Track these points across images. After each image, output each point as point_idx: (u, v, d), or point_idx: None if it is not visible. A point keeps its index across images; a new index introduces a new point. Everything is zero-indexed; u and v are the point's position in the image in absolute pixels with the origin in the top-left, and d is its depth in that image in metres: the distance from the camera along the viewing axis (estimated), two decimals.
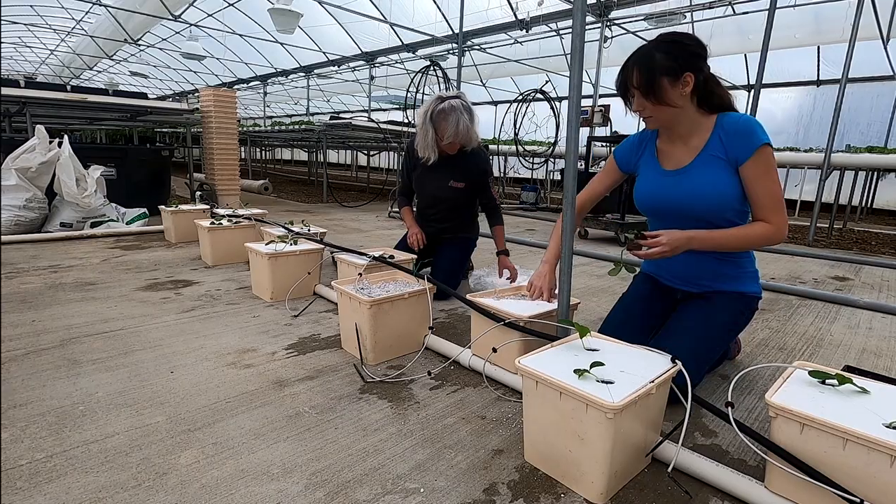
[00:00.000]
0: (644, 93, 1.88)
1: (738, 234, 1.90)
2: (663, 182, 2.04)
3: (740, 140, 1.85)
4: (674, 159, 2.04)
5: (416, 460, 1.53)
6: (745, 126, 1.86)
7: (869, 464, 1.17)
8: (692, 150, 1.98)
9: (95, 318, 2.62)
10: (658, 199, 2.06)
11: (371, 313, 2.16)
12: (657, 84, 1.85)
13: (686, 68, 1.84)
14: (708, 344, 1.95)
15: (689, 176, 1.96)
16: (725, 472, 1.43)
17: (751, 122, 1.86)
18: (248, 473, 1.42)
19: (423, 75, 8.54)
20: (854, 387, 1.39)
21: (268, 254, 2.98)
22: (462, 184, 3.30)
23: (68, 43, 17.32)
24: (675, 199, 1.99)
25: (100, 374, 2.00)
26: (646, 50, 1.88)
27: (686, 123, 1.96)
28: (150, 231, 5.13)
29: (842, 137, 10.24)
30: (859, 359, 2.51)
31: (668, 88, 1.85)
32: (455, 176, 3.30)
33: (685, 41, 1.87)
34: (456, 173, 3.29)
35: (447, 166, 3.29)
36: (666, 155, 2.08)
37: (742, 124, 1.87)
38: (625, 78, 1.93)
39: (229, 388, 1.94)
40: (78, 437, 1.57)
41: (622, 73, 1.94)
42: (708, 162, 1.92)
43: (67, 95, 5.70)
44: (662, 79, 1.84)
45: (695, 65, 1.85)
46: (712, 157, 1.92)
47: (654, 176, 2.09)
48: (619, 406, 1.25)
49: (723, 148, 1.89)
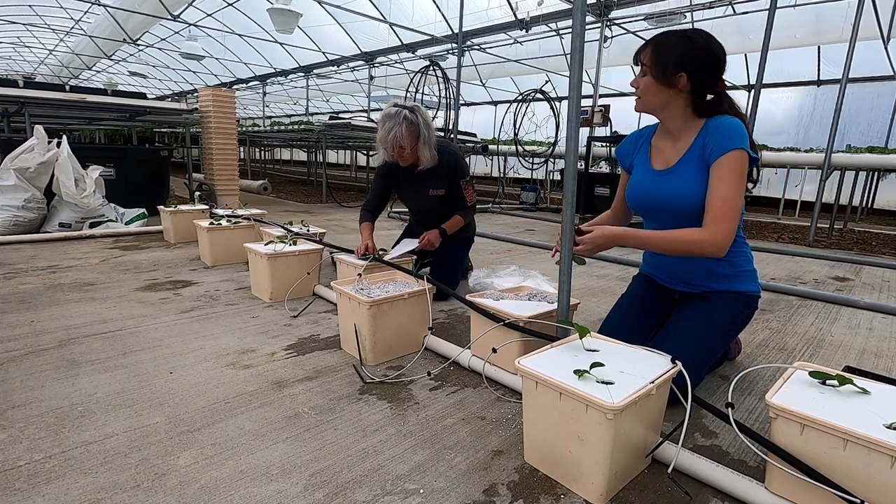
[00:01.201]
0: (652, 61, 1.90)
1: (668, 237, 1.89)
2: (651, 182, 2.05)
3: (716, 140, 1.84)
4: (663, 158, 2.05)
5: (416, 461, 1.53)
6: (726, 128, 1.84)
7: (869, 464, 1.17)
8: (679, 151, 1.98)
9: (94, 319, 2.62)
10: (646, 199, 2.06)
11: (370, 314, 2.16)
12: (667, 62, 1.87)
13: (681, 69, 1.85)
14: (707, 344, 1.95)
15: (673, 177, 1.97)
16: (726, 472, 1.43)
17: (733, 125, 1.84)
18: (247, 474, 1.42)
19: (422, 75, 8.55)
20: (854, 387, 1.39)
21: (267, 254, 2.98)
22: (441, 190, 3.28)
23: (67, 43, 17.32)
24: (662, 199, 1.99)
25: (99, 374, 2.00)
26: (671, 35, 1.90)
27: (675, 119, 1.97)
28: (149, 231, 5.13)
29: (842, 138, 10.23)
30: (860, 359, 2.51)
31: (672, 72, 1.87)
32: (434, 184, 3.26)
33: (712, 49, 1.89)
34: (435, 181, 3.25)
35: (425, 176, 3.24)
36: (658, 152, 2.08)
37: (724, 126, 1.86)
38: (640, 51, 1.96)
39: (228, 388, 1.94)
40: (77, 437, 1.57)
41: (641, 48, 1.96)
42: (690, 163, 1.92)
43: (66, 95, 5.71)
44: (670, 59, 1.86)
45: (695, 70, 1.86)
46: (694, 158, 1.92)
47: (644, 176, 2.10)
48: (619, 407, 1.25)
49: (703, 148, 1.90)
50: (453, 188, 3.28)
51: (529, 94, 9.70)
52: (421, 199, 3.35)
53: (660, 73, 1.88)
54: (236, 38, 13.32)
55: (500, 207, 9.34)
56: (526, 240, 5.67)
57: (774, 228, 7.82)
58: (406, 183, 3.34)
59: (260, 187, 9.78)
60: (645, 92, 1.94)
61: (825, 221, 7.70)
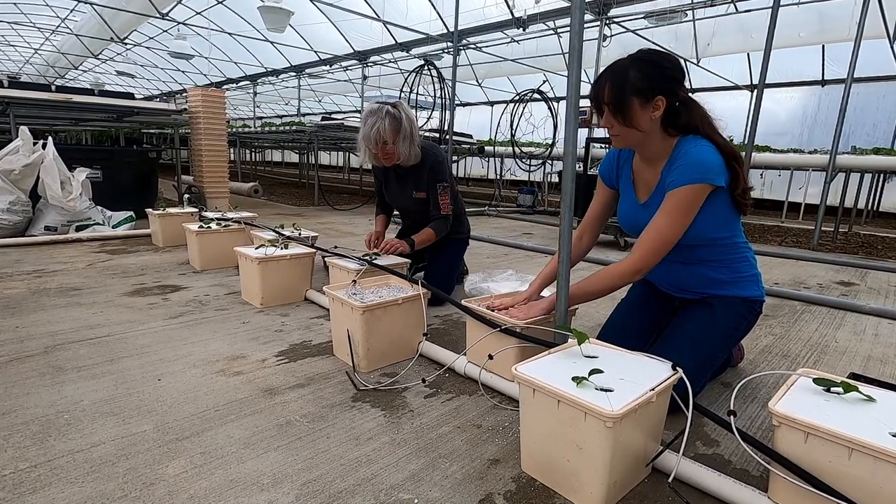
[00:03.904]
0: (613, 111, 1.88)
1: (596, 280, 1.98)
2: (637, 213, 2.07)
3: (676, 172, 1.84)
4: (644, 186, 2.06)
5: (410, 470, 1.53)
6: (688, 162, 1.82)
7: (875, 473, 1.17)
8: (654, 178, 1.99)
9: (81, 325, 2.62)
10: (636, 228, 2.06)
11: (364, 319, 2.16)
12: (627, 103, 1.84)
13: (659, 91, 1.83)
14: (709, 350, 1.96)
15: (652, 209, 1.95)
16: (728, 482, 1.44)
17: (697, 159, 1.82)
18: (237, 484, 1.42)
19: (417, 75, 8.56)
20: (860, 395, 1.39)
21: (258, 258, 2.98)
22: (423, 193, 3.30)
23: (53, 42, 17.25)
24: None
25: (85, 381, 2.00)
26: (621, 66, 1.87)
27: (654, 147, 1.96)
28: (136, 235, 5.12)
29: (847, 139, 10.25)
30: (865, 366, 2.52)
31: (637, 110, 1.85)
32: (417, 186, 3.30)
33: (663, 63, 1.86)
34: (419, 183, 3.29)
35: (408, 177, 3.32)
36: (639, 178, 2.10)
37: (688, 158, 1.83)
38: (597, 91, 1.92)
39: (218, 396, 1.94)
40: (63, 446, 1.56)
41: (595, 84, 1.92)
42: (661, 194, 1.92)
43: (52, 96, 5.70)
44: (633, 99, 1.83)
45: (669, 89, 1.85)
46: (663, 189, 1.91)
47: (630, 206, 2.12)
48: (618, 414, 1.26)
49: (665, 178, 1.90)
50: (432, 192, 3.30)
51: (527, 94, 9.71)
52: (405, 200, 3.40)
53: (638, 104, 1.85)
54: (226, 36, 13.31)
55: (496, 210, 9.36)
56: (523, 243, 5.67)
57: (778, 232, 7.85)
58: (393, 183, 3.43)
59: (250, 189, 9.78)
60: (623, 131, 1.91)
61: (829, 224, 7.73)
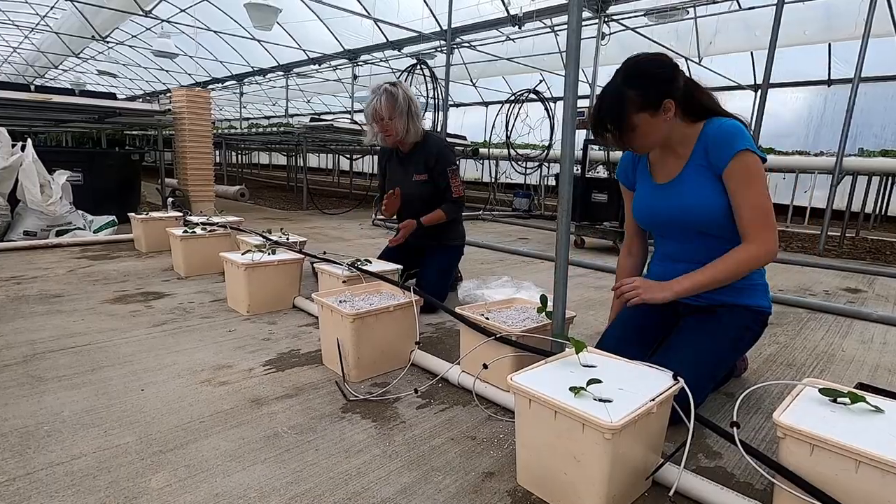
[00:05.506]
0: (627, 133, 1.93)
1: (724, 268, 1.91)
2: (656, 196, 2.08)
3: (719, 147, 1.88)
4: (664, 171, 2.08)
5: (402, 483, 1.53)
6: (726, 132, 1.88)
7: (884, 487, 1.17)
8: (680, 160, 2.01)
9: (61, 333, 2.61)
10: (653, 214, 2.09)
11: (354, 327, 2.16)
12: (638, 122, 1.89)
13: (664, 97, 1.88)
14: (712, 360, 1.96)
15: (677, 188, 2.00)
16: (731, 496, 1.44)
17: (733, 127, 1.88)
18: (223, 498, 1.42)
19: (409, 74, 8.57)
20: (867, 405, 1.38)
21: (244, 264, 2.97)
22: (424, 175, 3.43)
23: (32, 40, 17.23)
24: (669, 212, 2.03)
25: (66, 391, 1.99)
26: (615, 91, 1.91)
27: (675, 137, 2.00)
28: (118, 240, 5.12)
29: (854, 140, 10.26)
30: (873, 375, 2.53)
31: (650, 121, 1.90)
32: (418, 169, 3.44)
33: (654, 70, 1.90)
34: (420, 166, 3.43)
35: (408, 160, 3.48)
36: (657, 167, 2.12)
37: (723, 130, 1.89)
38: (599, 120, 1.96)
39: (203, 406, 1.93)
40: (42, 458, 1.56)
41: (597, 112, 1.96)
42: (694, 172, 1.96)
43: (31, 96, 5.69)
44: (642, 115, 1.89)
45: (672, 89, 1.89)
46: (698, 167, 1.95)
47: (648, 190, 2.14)
48: (617, 426, 1.26)
49: (706, 157, 1.93)
50: (437, 176, 3.42)
51: (522, 94, 9.74)
52: (405, 183, 3.46)
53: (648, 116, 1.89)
54: (211, 35, 13.27)
55: (491, 214, 9.34)
56: (519, 249, 5.69)
57: (782, 237, 7.85)
58: (394, 166, 3.58)
59: (237, 193, 9.76)
60: (642, 142, 1.96)
61: (836, 229, 7.74)
